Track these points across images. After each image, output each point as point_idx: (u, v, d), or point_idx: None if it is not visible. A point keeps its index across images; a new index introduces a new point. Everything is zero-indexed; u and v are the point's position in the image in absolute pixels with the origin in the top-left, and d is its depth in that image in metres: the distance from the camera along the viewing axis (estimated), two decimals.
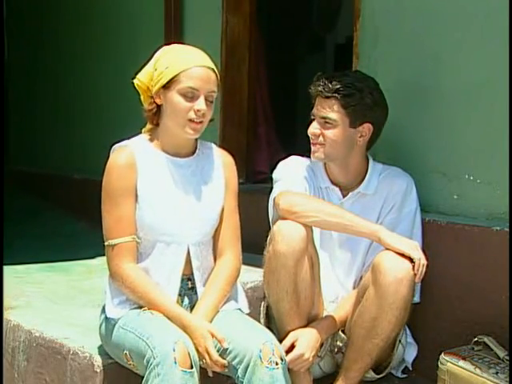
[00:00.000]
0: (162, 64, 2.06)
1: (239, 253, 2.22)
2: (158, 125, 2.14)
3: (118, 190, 2.05)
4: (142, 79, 2.11)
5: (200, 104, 2.03)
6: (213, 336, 1.96)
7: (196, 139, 2.19)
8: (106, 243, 2.08)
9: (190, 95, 2.03)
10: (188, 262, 2.14)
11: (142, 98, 2.15)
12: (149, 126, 2.17)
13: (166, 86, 2.04)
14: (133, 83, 2.14)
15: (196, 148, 2.19)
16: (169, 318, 2.01)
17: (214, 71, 2.07)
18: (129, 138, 2.15)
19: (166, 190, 2.11)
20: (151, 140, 2.14)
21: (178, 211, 2.10)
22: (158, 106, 2.10)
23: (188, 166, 2.15)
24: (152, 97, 2.10)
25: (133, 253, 2.07)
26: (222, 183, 2.20)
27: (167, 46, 2.13)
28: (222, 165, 2.21)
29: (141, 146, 2.12)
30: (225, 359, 1.98)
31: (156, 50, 2.15)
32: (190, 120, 2.04)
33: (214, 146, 2.25)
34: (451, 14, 2.63)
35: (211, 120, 2.11)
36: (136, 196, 2.07)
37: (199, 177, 2.16)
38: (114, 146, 2.13)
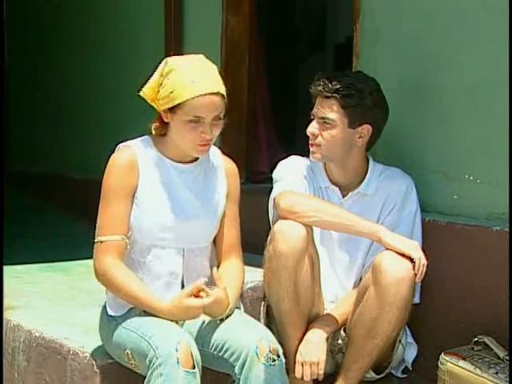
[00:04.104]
0: (166, 84, 2.01)
1: (242, 258, 2.23)
2: (165, 135, 2.11)
3: (114, 189, 2.04)
4: (147, 93, 2.08)
5: (205, 131, 2.01)
6: (191, 295, 1.96)
7: None
8: (95, 240, 2.06)
9: (195, 121, 2.00)
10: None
11: (151, 104, 2.11)
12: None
13: (172, 110, 2.02)
14: (139, 95, 2.10)
15: None
16: (146, 308, 2.00)
17: (220, 93, 2.02)
18: (134, 138, 2.14)
19: (165, 194, 2.09)
20: (156, 144, 2.12)
21: (176, 216, 2.09)
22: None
23: (190, 172, 2.14)
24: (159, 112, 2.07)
25: (119, 252, 2.04)
26: (224, 192, 2.19)
27: (171, 60, 2.05)
28: (225, 174, 2.20)
29: (144, 148, 2.10)
30: (221, 356, 1.99)
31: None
32: (197, 144, 2.04)
33: (218, 152, 2.23)
34: (451, 13, 2.63)
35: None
36: (134, 198, 2.06)
37: (201, 183, 2.15)
38: (118, 145, 2.12)
